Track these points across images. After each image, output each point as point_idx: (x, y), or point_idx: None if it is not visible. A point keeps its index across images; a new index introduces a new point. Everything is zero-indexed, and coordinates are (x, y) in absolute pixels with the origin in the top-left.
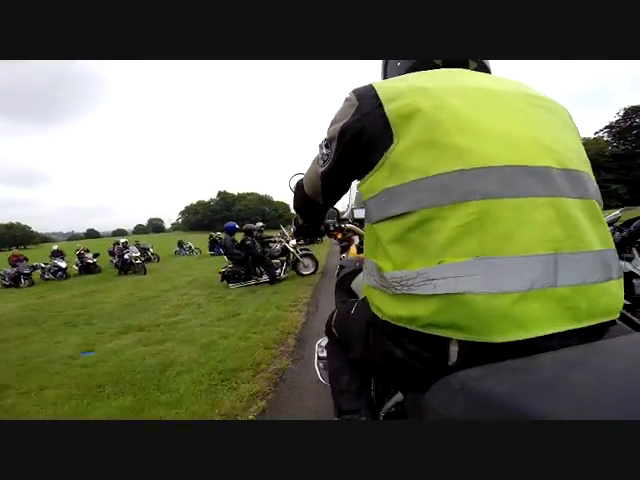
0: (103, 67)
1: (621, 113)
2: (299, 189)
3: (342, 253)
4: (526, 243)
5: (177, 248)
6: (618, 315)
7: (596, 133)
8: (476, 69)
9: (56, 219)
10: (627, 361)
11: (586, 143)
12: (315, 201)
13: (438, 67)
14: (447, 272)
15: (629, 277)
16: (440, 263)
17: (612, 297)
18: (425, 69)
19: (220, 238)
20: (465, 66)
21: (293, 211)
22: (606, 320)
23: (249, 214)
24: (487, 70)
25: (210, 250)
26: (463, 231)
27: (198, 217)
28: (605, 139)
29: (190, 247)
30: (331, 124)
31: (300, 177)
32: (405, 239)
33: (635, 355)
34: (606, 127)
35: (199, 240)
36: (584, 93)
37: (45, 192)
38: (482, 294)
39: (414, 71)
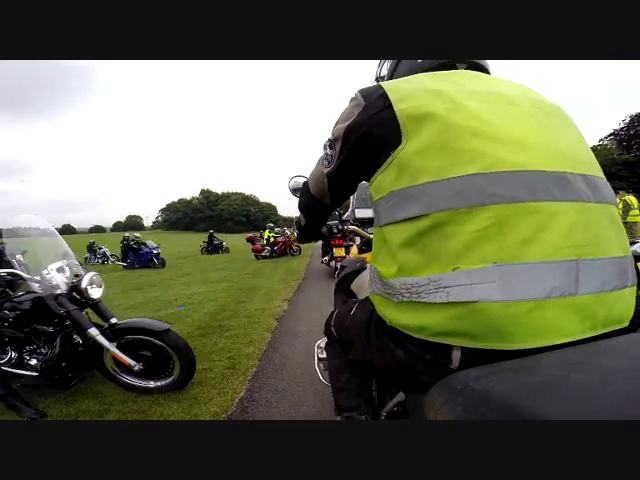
0: (94, 63)
1: (627, 120)
2: (304, 190)
3: (324, 256)
4: (547, 249)
5: (87, 254)
6: (628, 323)
7: (601, 140)
8: (467, 69)
9: (36, 212)
10: (630, 360)
11: (594, 150)
12: (321, 201)
13: (437, 69)
14: (463, 279)
15: None
16: (455, 269)
17: (626, 305)
18: (427, 71)
19: (138, 243)
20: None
21: (283, 212)
22: (619, 328)
23: (232, 214)
24: (485, 71)
25: (123, 260)
26: (480, 236)
27: (178, 215)
28: (609, 147)
29: (104, 253)
30: (336, 124)
31: (299, 179)
32: (417, 244)
33: (638, 354)
34: (611, 134)
35: (177, 240)
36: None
37: (25, 184)
38: (498, 302)
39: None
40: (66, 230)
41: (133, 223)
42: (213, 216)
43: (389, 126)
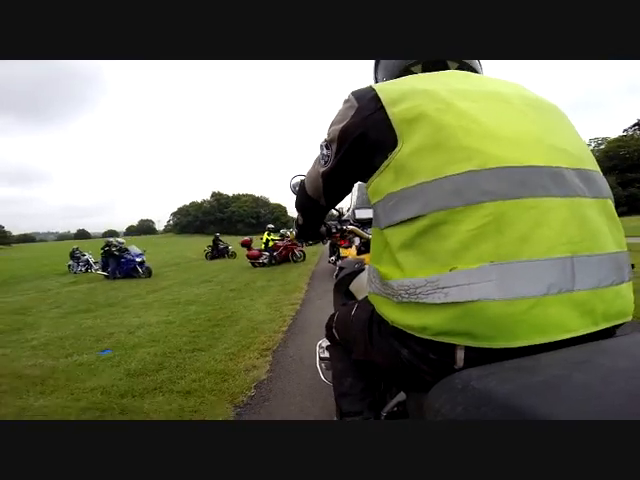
0: (101, 67)
1: None
2: (301, 189)
3: (331, 255)
4: (543, 246)
5: (70, 262)
6: (630, 318)
7: (625, 130)
8: (458, 68)
9: (53, 218)
10: (632, 360)
11: (620, 140)
12: (317, 201)
13: (433, 68)
14: (460, 279)
15: None
16: (452, 270)
17: (625, 300)
18: (419, 70)
19: (120, 249)
20: (447, 67)
21: (293, 213)
22: (619, 323)
23: (243, 216)
24: (474, 71)
25: (104, 269)
26: (477, 234)
27: (189, 219)
28: (635, 137)
29: (87, 261)
30: (330, 125)
31: (301, 178)
32: (415, 245)
33: (638, 354)
34: (635, 124)
35: (185, 244)
36: (576, 102)
37: (43, 191)
38: (498, 301)
39: (406, 72)
40: (80, 235)
41: (145, 227)
42: (224, 218)
43: (383, 128)
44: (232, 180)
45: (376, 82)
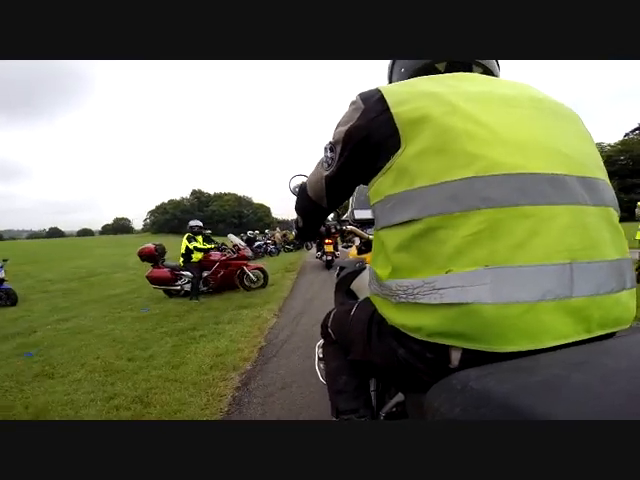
0: (86, 65)
1: None
2: (302, 192)
3: (318, 250)
4: (540, 252)
5: None
6: (629, 325)
7: (626, 134)
8: (482, 73)
9: (37, 213)
10: (631, 360)
11: (623, 144)
12: (318, 204)
13: (443, 69)
14: (455, 281)
15: None
16: (448, 272)
17: (624, 307)
18: (432, 72)
19: None
20: (469, 70)
21: (277, 214)
22: (617, 330)
23: (224, 216)
24: (493, 74)
25: None
26: (473, 240)
27: (167, 217)
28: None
29: None
30: (336, 127)
31: (300, 179)
32: (411, 247)
33: (639, 354)
34: (637, 128)
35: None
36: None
37: (22, 187)
38: (491, 304)
39: (421, 73)
40: (53, 233)
41: (121, 226)
42: (204, 218)
43: (388, 130)
44: (214, 178)
45: (390, 83)
